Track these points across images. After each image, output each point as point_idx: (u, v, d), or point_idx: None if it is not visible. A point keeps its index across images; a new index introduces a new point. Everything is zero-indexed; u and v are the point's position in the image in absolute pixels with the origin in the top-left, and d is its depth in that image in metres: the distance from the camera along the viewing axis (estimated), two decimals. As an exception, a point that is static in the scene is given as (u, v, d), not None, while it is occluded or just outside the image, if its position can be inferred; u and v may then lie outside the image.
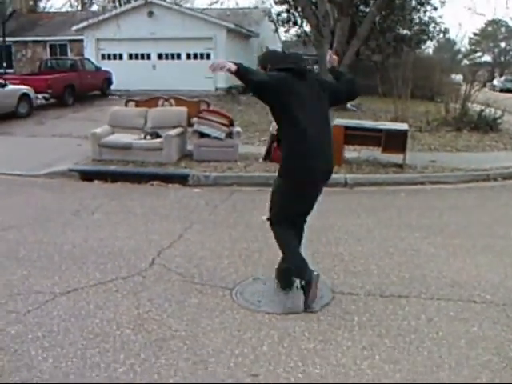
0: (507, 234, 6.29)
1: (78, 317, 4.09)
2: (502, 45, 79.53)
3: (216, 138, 9.99)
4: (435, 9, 27.00)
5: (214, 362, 3.49)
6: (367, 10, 22.69)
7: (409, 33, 27.06)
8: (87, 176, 9.10)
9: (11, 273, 4.93)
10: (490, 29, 77.22)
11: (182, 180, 8.83)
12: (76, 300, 4.38)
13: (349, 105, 19.42)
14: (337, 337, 3.84)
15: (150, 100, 11.30)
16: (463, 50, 37.17)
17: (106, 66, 23.83)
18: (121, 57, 25.55)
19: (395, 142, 9.56)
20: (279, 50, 24.82)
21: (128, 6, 24.87)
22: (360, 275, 4.95)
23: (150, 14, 24.31)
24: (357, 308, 4.29)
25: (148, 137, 9.94)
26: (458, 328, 3.98)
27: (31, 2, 36.15)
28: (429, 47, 34.58)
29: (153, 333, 3.86)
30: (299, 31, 27.96)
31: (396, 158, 9.75)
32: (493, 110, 15.02)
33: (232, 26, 24.73)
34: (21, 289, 4.57)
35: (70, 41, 27.38)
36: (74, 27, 25.28)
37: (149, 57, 25.32)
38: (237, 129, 10.47)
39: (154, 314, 4.15)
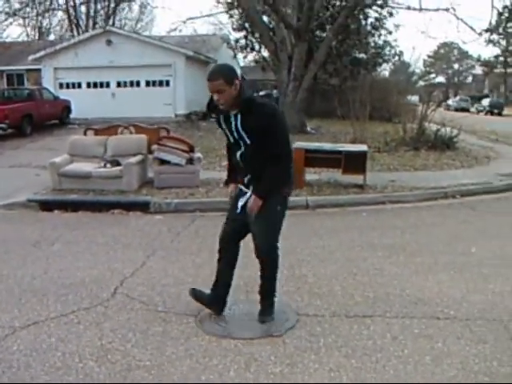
0: (467, 250, 6.40)
1: (39, 351, 3.98)
2: (455, 66, 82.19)
3: (176, 164, 9.96)
4: (390, 33, 27.76)
5: (180, 391, 3.44)
6: (324, 34, 23.13)
7: (365, 56, 27.65)
8: (47, 206, 8.93)
9: (-32, 308, 4.79)
10: (442, 51, 79.86)
11: (144, 207, 8.74)
12: (37, 333, 4.26)
13: (308, 128, 19.69)
14: (303, 359, 3.83)
15: (109, 128, 11.23)
16: (418, 71, 38.16)
17: (64, 95, 23.68)
18: (79, 85, 25.39)
19: (355, 163, 9.68)
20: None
21: (86, 35, 24.81)
22: (324, 296, 4.96)
23: (109, 42, 24.31)
24: (322, 330, 4.29)
25: (108, 165, 9.85)
26: (422, 345, 4.01)
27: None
28: (385, 70, 35.45)
29: (117, 363, 3.78)
30: (257, 57, 28.32)
31: (356, 178, 9.88)
32: (449, 129, 15.37)
33: (190, 53, 24.88)
34: (-21, 324, 4.44)
35: (28, 70, 27.18)
36: (31, 56, 25.08)
37: (108, 85, 25.22)
38: (197, 155, 10.46)
39: (118, 345, 4.07)
